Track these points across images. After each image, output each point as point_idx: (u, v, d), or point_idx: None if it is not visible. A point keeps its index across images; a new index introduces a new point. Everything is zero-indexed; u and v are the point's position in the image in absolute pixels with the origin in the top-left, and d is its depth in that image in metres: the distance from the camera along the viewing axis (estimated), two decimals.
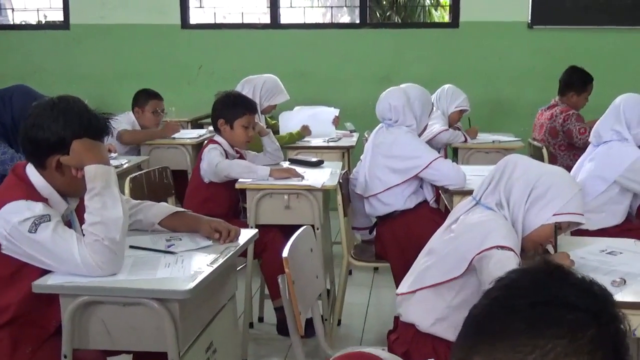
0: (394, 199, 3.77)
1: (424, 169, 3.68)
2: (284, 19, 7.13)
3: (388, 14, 12.48)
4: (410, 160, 3.71)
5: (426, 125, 3.99)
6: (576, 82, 5.33)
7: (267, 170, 3.71)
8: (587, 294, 0.99)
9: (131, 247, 2.38)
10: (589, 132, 4.80)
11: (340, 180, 3.72)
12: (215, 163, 3.70)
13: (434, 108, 5.14)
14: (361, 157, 3.99)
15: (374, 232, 3.94)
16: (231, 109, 3.82)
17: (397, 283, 3.04)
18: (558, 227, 2.35)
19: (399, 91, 3.86)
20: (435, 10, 11.95)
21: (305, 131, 5.26)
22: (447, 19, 7.22)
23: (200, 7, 7.31)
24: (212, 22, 7.28)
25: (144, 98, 5.25)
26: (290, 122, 5.46)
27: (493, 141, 5.34)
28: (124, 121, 5.05)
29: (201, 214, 2.68)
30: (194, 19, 7.18)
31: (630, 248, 2.70)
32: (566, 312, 0.96)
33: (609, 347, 0.96)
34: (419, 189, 3.84)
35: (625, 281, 2.28)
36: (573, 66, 5.45)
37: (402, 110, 3.78)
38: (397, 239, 3.71)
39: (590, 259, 2.53)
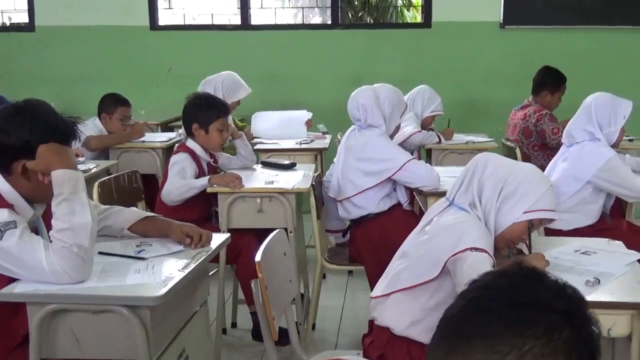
0: (367, 202, 3.78)
1: (397, 171, 3.70)
2: (254, 20, 7.12)
3: (360, 14, 12.53)
4: (383, 163, 3.72)
5: (399, 126, 3.99)
6: (550, 81, 5.38)
7: (206, 179, 3.68)
8: (561, 296, 1.01)
9: (100, 253, 2.36)
10: (562, 132, 4.86)
11: (313, 183, 3.72)
12: (166, 193, 3.66)
13: (407, 109, 5.17)
14: (334, 159, 3.99)
15: (348, 235, 3.95)
16: (205, 112, 3.78)
17: (372, 286, 3.04)
18: (530, 225, 2.37)
19: (368, 90, 3.87)
20: (408, 10, 12.01)
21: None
22: (419, 19, 7.27)
23: (169, 8, 7.28)
24: (182, 23, 7.24)
25: (112, 104, 5.18)
26: (261, 124, 5.46)
27: (467, 142, 5.37)
28: (91, 128, 4.99)
29: (172, 219, 2.66)
30: (162, 20, 7.14)
31: (603, 248, 2.73)
32: (543, 313, 0.98)
33: (583, 348, 0.98)
34: (392, 191, 3.85)
35: (599, 281, 2.31)
36: (546, 66, 5.50)
37: (370, 109, 3.78)
38: (371, 242, 3.72)
39: (565, 259, 2.56)
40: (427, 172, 3.70)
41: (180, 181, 3.67)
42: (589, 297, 2.16)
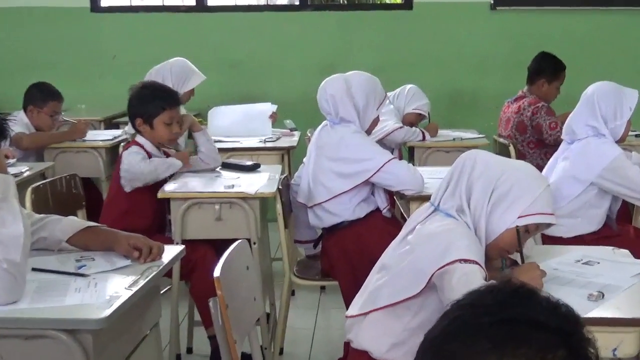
0: (342, 208, 3.79)
1: (375, 172, 3.70)
2: (211, 1, 7.10)
3: None
4: (360, 164, 3.73)
5: (377, 119, 3.97)
6: (547, 69, 5.43)
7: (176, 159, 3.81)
8: (554, 313, 1.04)
9: (34, 269, 2.34)
10: (561, 127, 4.91)
11: (280, 187, 3.72)
12: (139, 169, 3.68)
13: (386, 100, 5.19)
14: (304, 159, 3.99)
15: (320, 246, 3.95)
16: (148, 104, 3.77)
17: (347, 304, 3.05)
18: (525, 230, 2.38)
19: (339, 79, 3.86)
20: None
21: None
22: None
23: None
24: (127, 4, 7.20)
25: (42, 97, 5.11)
26: (219, 120, 5.44)
27: (454, 139, 5.40)
28: (17, 123, 4.93)
29: (120, 229, 2.65)
30: (105, 1, 7.10)
31: (608, 257, 2.76)
32: (535, 331, 1.00)
33: None
34: (370, 196, 3.86)
35: (603, 295, 2.33)
36: (543, 52, 5.56)
37: (340, 101, 3.78)
38: (346, 253, 3.72)
39: (565, 270, 2.58)
40: (410, 174, 3.71)
41: (152, 162, 3.73)
42: (592, 313, 2.18)
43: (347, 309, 2.62)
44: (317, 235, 4.01)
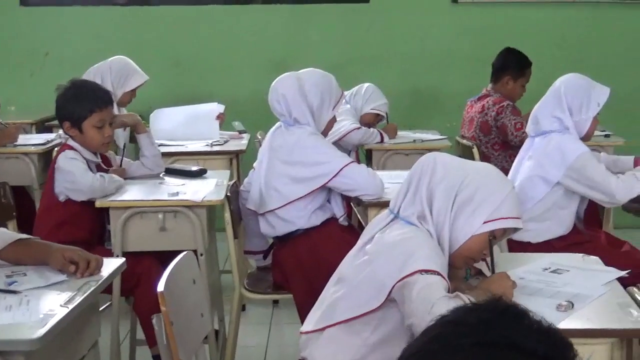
0: (297, 215, 3.78)
1: (333, 177, 3.71)
2: None
3: None
4: (316, 167, 3.73)
5: (333, 119, 3.98)
6: (512, 65, 5.50)
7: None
8: (543, 338, 1.03)
9: None
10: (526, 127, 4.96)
11: (229, 194, 3.71)
12: (89, 184, 3.65)
13: (343, 98, 5.21)
14: (254, 164, 3.99)
15: (270, 257, 3.95)
16: (75, 106, 3.71)
17: (302, 318, 3.05)
18: (492, 237, 2.41)
19: (291, 78, 3.85)
20: None
21: None
22: None
23: None
24: None
25: None
26: (163, 123, 5.41)
27: (414, 140, 5.43)
28: None
29: (56, 241, 2.63)
30: None
31: (577, 265, 2.80)
32: (518, 356, 0.99)
33: None
34: (326, 203, 3.87)
35: (572, 305, 2.36)
36: (508, 48, 5.62)
37: (292, 101, 3.77)
38: (301, 264, 3.72)
39: (532, 279, 2.61)
40: (370, 178, 3.73)
41: (103, 179, 3.70)
42: (562, 324, 2.21)
43: (301, 323, 2.63)
44: (267, 245, 4.01)
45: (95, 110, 3.71)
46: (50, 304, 2.23)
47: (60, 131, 4.85)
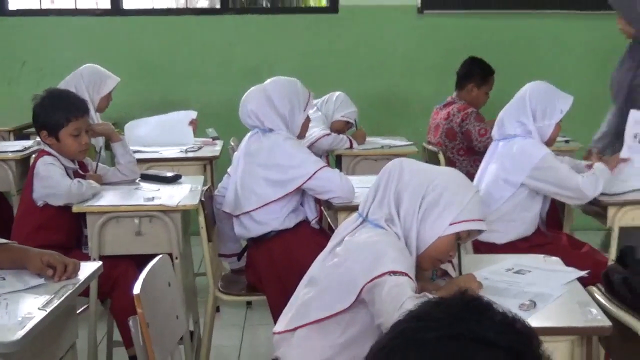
0: (271, 217, 3.78)
1: (307, 180, 3.71)
2: (127, 4, 7.04)
3: None
4: (292, 170, 3.73)
5: (308, 119, 3.97)
6: (476, 74, 5.54)
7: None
8: (507, 330, 1.04)
9: None
10: (490, 133, 5.01)
11: (203, 199, 3.70)
12: (66, 189, 3.62)
13: (315, 109, 5.22)
14: (229, 169, 3.98)
15: (245, 259, 3.94)
16: (51, 116, 3.68)
17: (275, 318, 3.06)
18: (457, 238, 2.42)
19: (257, 92, 3.87)
20: None
21: None
22: (324, 2, 7.34)
23: None
24: (37, 7, 7.08)
25: None
26: (137, 132, 5.39)
27: (382, 146, 5.46)
28: None
29: (34, 245, 2.61)
30: (13, 4, 6.97)
31: (539, 265, 2.82)
32: (481, 348, 1.00)
33: None
34: (299, 206, 3.87)
35: (535, 304, 2.38)
36: (472, 57, 5.66)
37: (263, 115, 3.79)
38: (274, 265, 3.72)
39: (496, 279, 2.63)
40: (342, 182, 3.74)
41: (81, 184, 3.67)
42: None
43: (274, 323, 2.63)
44: (241, 249, 4.00)
45: (71, 119, 3.69)
46: (29, 307, 2.22)
47: (38, 138, 4.82)
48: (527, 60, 6.80)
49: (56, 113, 3.69)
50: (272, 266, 3.74)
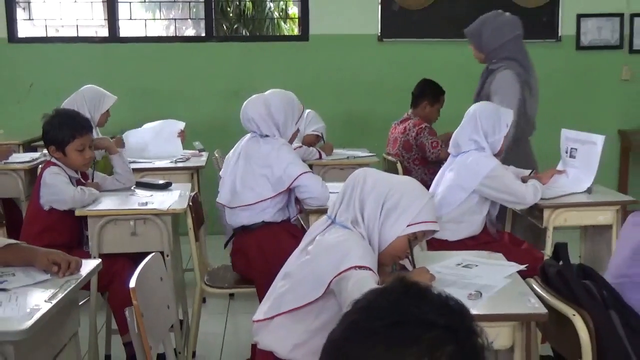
0: (263, 211, 3.79)
1: (294, 180, 3.74)
2: (123, 32, 7.00)
3: (235, 26, 12.55)
4: (285, 172, 3.75)
5: (297, 131, 4.03)
6: (429, 93, 5.57)
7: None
8: (444, 310, 1.04)
9: None
10: (442, 146, 5.07)
11: (190, 203, 3.69)
12: (70, 195, 3.59)
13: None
14: (222, 168, 3.99)
15: (230, 245, 3.92)
16: (59, 132, 3.67)
17: (262, 296, 3.03)
18: (413, 238, 2.43)
19: (258, 100, 3.90)
20: (284, 22, 12.13)
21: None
22: (296, 31, 7.34)
23: (30, 19, 7.04)
24: (43, 35, 7.02)
25: None
26: (134, 141, 5.36)
27: (348, 157, 5.47)
28: None
29: (41, 245, 2.58)
30: (22, 32, 6.90)
31: (484, 260, 2.84)
32: (424, 330, 1.00)
33: None
34: (286, 205, 3.88)
35: (481, 294, 2.40)
36: (425, 79, 5.69)
37: (260, 122, 3.83)
38: (262, 249, 3.70)
39: (447, 272, 2.64)
40: (321, 187, 3.78)
41: (83, 191, 3.65)
42: (472, 311, 2.23)
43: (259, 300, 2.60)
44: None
45: (77, 136, 3.67)
46: (36, 300, 2.20)
47: (45, 150, 4.78)
48: (473, 81, 6.83)
49: (64, 130, 3.67)
50: (260, 249, 3.72)
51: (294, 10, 9.84)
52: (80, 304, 2.97)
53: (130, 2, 7.01)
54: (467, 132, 3.87)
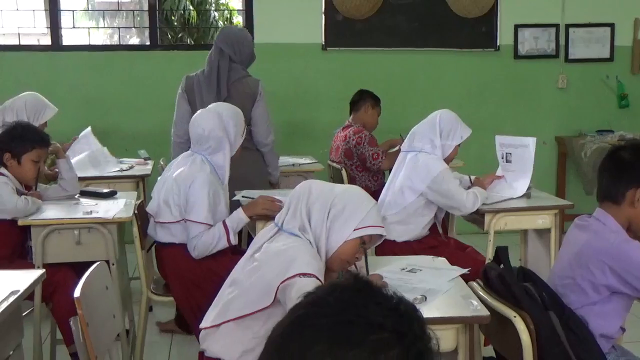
0: (182, 232, 3.62)
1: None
2: (66, 41, 6.88)
3: (180, 35, 12.47)
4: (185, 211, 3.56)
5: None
6: (368, 98, 5.60)
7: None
8: (393, 313, 1.01)
9: None
10: (382, 157, 5.13)
11: (136, 212, 3.63)
12: (14, 204, 3.53)
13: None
14: (156, 186, 3.89)
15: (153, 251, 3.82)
16: (18, 142, 3.70)
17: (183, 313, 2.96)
18: (362, 243, 2.44)
19: (210, 114, 3.70)
20: None
21: None
22: None
23: None
24: None
25: None
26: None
27: (292, 164, 5.45)
28: None
29: None
30: None
31: (428, 265, 2.86)
32: (370, 332, 0.97)
33: None
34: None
35: (425, 298, 2.42)
36: (362, 89, 5.72)
37: (217, 135, 3.62)
38: (179, 273, 3.57)
39: (392, 277, 2.66)
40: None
41: (27, 200, 3.58)
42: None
43: (187, 320, 2.57)
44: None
45: (35, 147, 3.72)
46: None
47: None
48: (413, 90, 6.92)
49: (24, 140, 3.71)
50: (176, 268, 3.59)
51: (238, 19, 9.80)
52: (24, 314, 2.90)
53: (73, 11, 6.89)
54: (426, 128, 3.98)
